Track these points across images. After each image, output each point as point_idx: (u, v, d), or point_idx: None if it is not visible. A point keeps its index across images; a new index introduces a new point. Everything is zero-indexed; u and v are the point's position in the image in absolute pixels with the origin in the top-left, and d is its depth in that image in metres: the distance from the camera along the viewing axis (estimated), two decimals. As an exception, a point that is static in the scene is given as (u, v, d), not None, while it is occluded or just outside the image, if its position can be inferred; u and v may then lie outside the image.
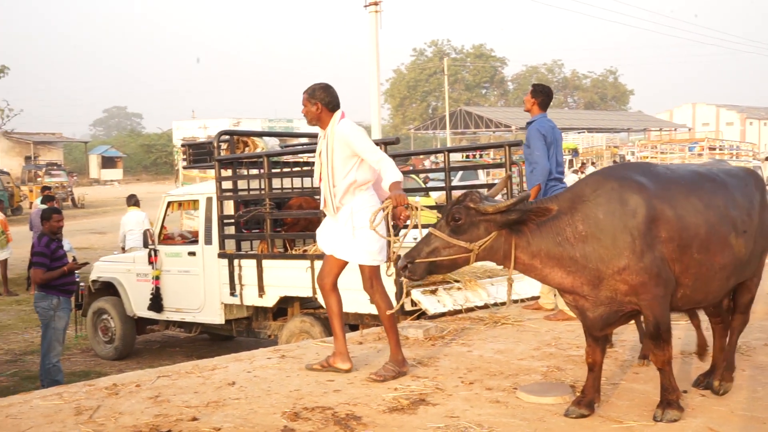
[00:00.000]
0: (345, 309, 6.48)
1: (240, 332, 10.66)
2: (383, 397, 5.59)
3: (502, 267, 5.92)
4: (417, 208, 5.77)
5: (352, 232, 6.11)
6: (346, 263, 6.26)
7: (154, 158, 75.39)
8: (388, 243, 6.03)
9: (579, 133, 62.55)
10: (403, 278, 6.89)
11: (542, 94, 8.37)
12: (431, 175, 25.48)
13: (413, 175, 20.91)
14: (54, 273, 9.00)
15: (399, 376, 6.11)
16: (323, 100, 6.19)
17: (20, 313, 15.40)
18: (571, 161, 37.93)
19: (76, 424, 5.11)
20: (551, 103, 8.44)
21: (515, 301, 8.88)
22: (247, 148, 11.04)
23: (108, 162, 74.22)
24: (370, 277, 6.25)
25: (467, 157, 26.20)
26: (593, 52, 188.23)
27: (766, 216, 5.38)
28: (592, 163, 39.88)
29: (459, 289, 8.63)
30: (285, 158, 11.34)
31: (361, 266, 6.20)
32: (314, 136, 12.92)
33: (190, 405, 5.49)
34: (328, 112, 6.20)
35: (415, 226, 5.70)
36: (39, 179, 45.46)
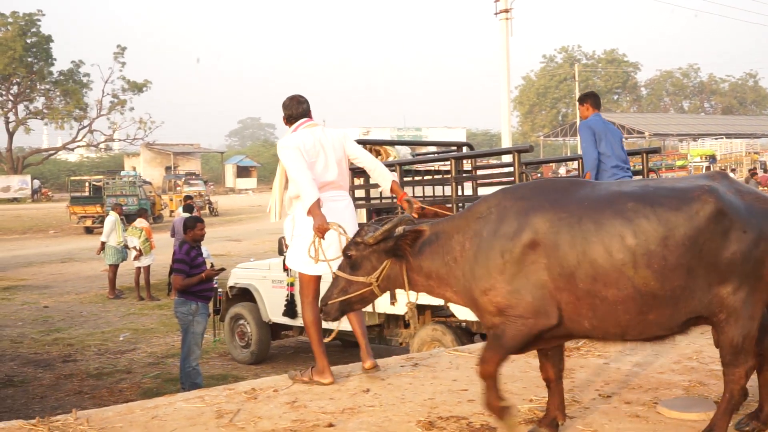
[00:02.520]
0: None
1: (371, 339, 10.72)
2: (519, 408, 5.52)
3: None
4: (339, 230, 5.72)
5: (291, 239, 6.35)
6: (320, 275, 6.38)
7: (286, 167, 77.18)
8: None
9: (716, 139, 60.38)
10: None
11: (590, 97, 9.02)
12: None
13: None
14: (193, 279, 9.30)
15: (312, 384, 6.26)
16: (283, 115, 6.55)
17: (162, 317, 16.00)
18: (708, 168, 36.53)
19: (218, 427, 5.25)
20: (685, 108, 8.68)
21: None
22: (379, 157, 11.13)
23: (243, 171, 76.56)
24: (302, 285, 6.45)
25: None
26: (732, 55, 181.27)
27: (728, 246, 4.45)
28: (732, 170, 38.40)
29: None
30: (417, 167, 11.37)
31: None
32: (445, 144, 12.96)
33: (326, 411, 5.56)
34: (286, 125, 6.51)
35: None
36: (178, 188, 47.36)
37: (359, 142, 11.20)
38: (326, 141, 6.33)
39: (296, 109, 6.48)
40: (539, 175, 29.86)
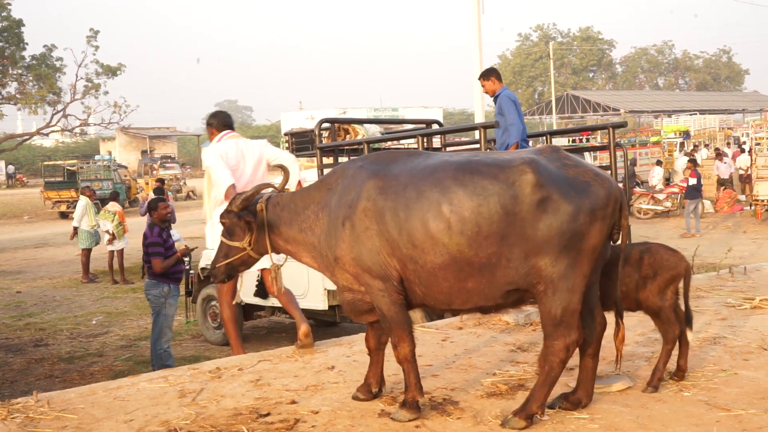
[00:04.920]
0: None
1: (343, 318, 10.72)
2: (482, 382, 5.55)
3: None
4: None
5: (211, 243, 7.04)
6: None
7: (263, 150, 76.83)
8: None
9: (691, 114, 60.60)
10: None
11: (493, 72, 9.46)
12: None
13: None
14: (170, 261, 9.23)
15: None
16: (210, 124, 7.49)
17: (135, 300, 15.90)
18: (682, 144, 36.62)
19: (180, 406, 5.25)
20: (660, 85, 8.86)
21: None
22: (348, 136, 11.10)
23: (220, 154, 76.00)
24: (225, 286, 7.28)
25: (573, 141, 25.74)
26: (706, 31, 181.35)
27: (544, 217, 4.48)
28: (705, 146, 38.59)
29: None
30: (386, 144, 11.35)
31: None
32: (413, 121, 12.93)
33: (289, 388, 5.57)
34: (210, 136, 7.45)
35: None
36: (155, 172, 47.00)
37: (329, 121, 11.22)
38: (247, 150, 7.20)
39: (225, 121, 7.47)
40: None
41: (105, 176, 38.84)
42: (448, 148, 11.55)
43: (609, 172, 8.93)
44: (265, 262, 6.30)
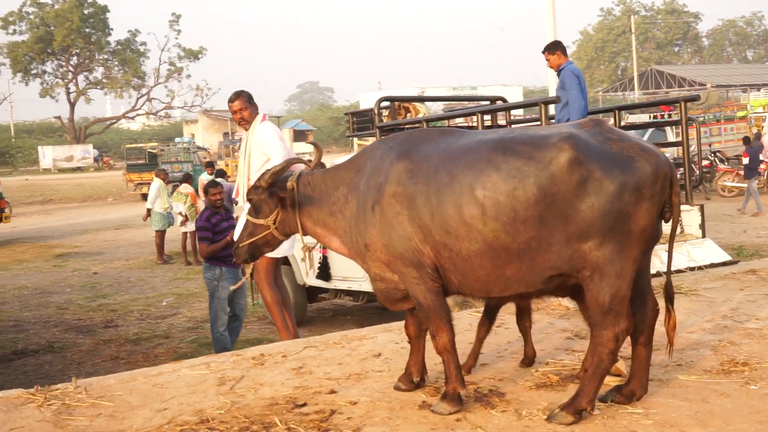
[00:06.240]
0: None
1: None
2: (532, 372, 5.28)
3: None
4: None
5: None
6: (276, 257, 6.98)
7: (342, 130, 77.03)
8: None
9: (783, 88, 58.31)
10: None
11: (558, 46, 9.26)
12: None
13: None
14: (217, 246, 9.10)
15: None
16: (252, 104, 7.25)
17: (206, 282, 15.96)
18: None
19: (217, 394, 5.12)
20: (749, 58, 8.51)
21: (692, 269, 8.24)
22: (408, 114, 10.84)
23: (299, 135, 76.44)
24: (258, 268, 7.08)
25: (655, 117, 24.87)
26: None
27: (585, 197, 4.14)
28: (796, 121, 36.90)
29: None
30: (449, 123, 11.06)
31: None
32: (479, 99, 12.58)
33: (331, 377, 5.38)
34: (250, 116, 7.21)
35: None
36: (236, 154, 47.58)
37: (388, 99, 10.97)
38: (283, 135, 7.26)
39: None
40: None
41: (185, 158, 39.42)
42: (514, 125, 11.22)
43: (681, 147, 8.53)
44: (284, 248, 6.24)
